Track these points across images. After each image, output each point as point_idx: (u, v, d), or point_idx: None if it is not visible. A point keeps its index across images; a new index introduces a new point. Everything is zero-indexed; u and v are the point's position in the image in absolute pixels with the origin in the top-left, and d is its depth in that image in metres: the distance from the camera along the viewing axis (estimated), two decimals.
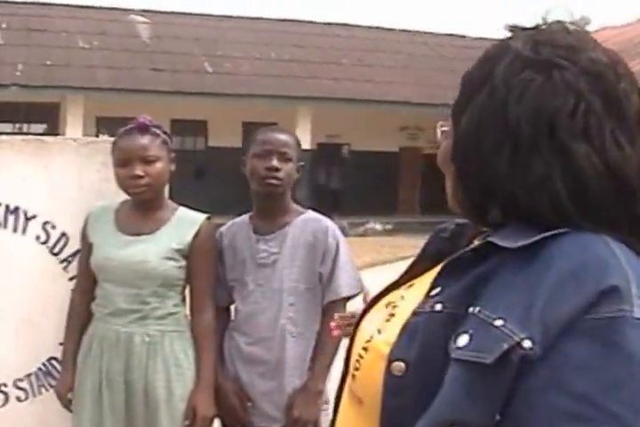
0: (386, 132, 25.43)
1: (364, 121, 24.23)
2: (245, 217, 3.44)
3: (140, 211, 3.28)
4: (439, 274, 1.32)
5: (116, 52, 22.37)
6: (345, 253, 3.30)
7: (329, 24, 26.98)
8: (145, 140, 3.20)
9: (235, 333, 3.35)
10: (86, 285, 3.34)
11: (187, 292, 3.33)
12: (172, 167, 3.29)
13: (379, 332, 1.37)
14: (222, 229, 3.45)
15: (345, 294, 3.27)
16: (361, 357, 1.38)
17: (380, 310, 1.46)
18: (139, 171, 3.14)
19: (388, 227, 22.74)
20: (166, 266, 3.18)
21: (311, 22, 26.79)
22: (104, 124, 15.27)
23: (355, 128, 24.39)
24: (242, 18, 26.11)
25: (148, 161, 3.16)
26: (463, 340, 1.16)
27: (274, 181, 3.23)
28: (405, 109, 24.09)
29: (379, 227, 22.37)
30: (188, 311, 3.32)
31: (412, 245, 18.55)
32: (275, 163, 3.22)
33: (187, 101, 21.15)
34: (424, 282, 1.40)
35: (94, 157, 3.51)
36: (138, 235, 3.24)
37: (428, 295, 1.31)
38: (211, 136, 23.74)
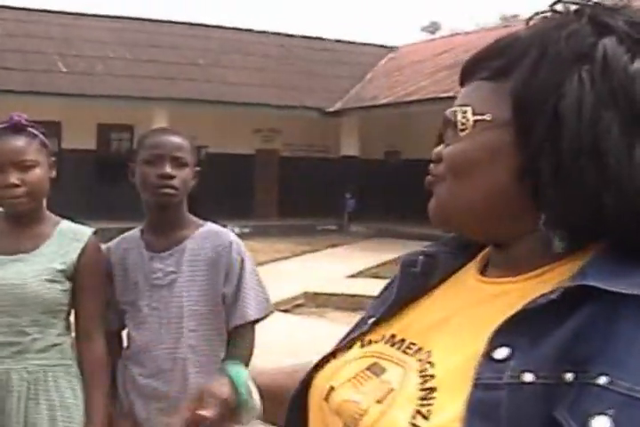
0: (241, 134, 25.22)
1: (220, 123, 23.93)
2: (136, 231, 3.04)
3: (16, 225, 2.84)
4: (501, 330, 0.99)
5: None
6: (251, 271, 2.95)
7: (186, 24, 26.59)
8: (20, 142, 2.77)
9: (129, 363, 2.95)
10: None
11: (71, 318, 2.93)
12: (53, 174, 2.86)
13: (423, 416, 0.99)
14: (110, 244, 3.06)
15: (252, 317, 2.92)
16: None
17: (370, 380, 1.11)
18: (14, 179, 2.71)
19: (245, 230, 22.46)
20: (48, 290, 2.76)
21: (168, 22, 26.35)
22: None
23: (211, 130, 24.02)
24: (97, 16, 25.42)
25: (24, 166, 2.74)
26: (601, 424, 0.85)
27: (168, 190, 2.84)
28: (260, 111, 23.94)
29: (236, 230, 22.01)
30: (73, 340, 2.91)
31: (271, 249, 18.58)
32: (168, 169, 2.83)
33: (39, 101, 20.33)
34: (446, 339, 1.08)
35: None
36: (13, 254, 2.79)
37: (489, 358, 0.97)
38: (64, 138, 23.04)
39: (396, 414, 1.02)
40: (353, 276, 14.67)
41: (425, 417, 0.98)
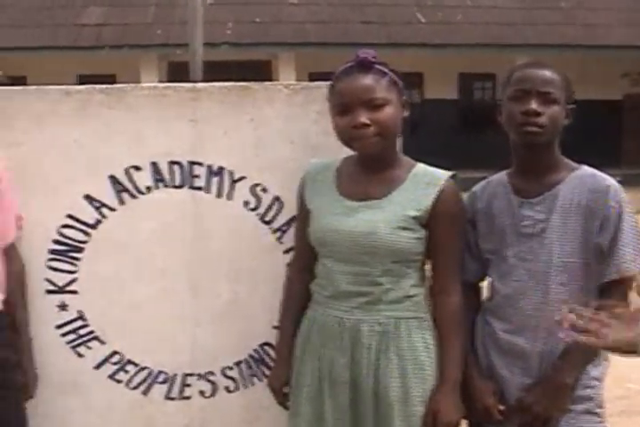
0: (607, 79, 24.17)
1: (584, 68, 23.02)
2: (503, 175, 2.82)
3: (368, 169, 2.68)
4: None
5: (324, 7, 22.11)
6: (630, 220, 2.62)
7: None
8: (369, 79, 2.59)
9: (490, 317, 2.75)
10: (305, 260, 2.81)
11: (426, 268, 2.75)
12: (405, 113, 2.66)
13: None
14: (476, 189, 2.85)
15: (629, 271, 2.59)
16: None
17: None
18: (363, 118, 2.54)
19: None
20: (401, 238, 2.58)
21: None
22: (316, 81, 14.84)
23: (574, 76, 23.13)
24: None
25: (374, 106, 2.56)
26: None
27: (532, 129, 2.60)
28: (628, 54, 22.78)
29: None
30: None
31: None
32: (534, 105, 2.59)
33: (400, 54, 20.58)
34: None
35: (309, 105, 3.00)
36: (365, 200, 2.64)
37: None
38: (426, 89, 23.20)
39: None
40: None
41: None
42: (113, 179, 2.99)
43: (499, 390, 2.70)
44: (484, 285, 2.85)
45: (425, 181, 2.63)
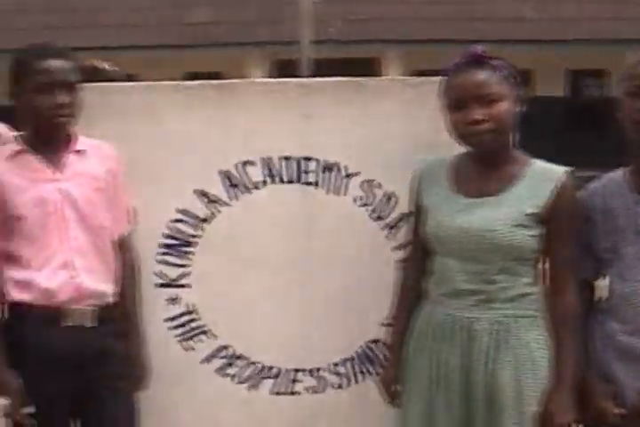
0: None
1: None
2: (620, 172, 2.73)
3: (483, 166, 2.63)
4: None
5: (430, 3, 21.94)
6: None
7: None
8: (482, 75, 2.56)
9: (608, 318, 2.66)
10: (418, 257, 2.78)
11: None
12: (519, 109, 2.61)
13: None
14: (592, 186, 2.76)
15: None
16: None
17: None
18: (477, 114, 2.51)
19: None
20: (518, 235, 2.53)
21: None
22: None
23: None
24: None
25: (488, 101, 2.52)
26: None
27: None
28: None
29: None
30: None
31: None
32: None
33: (509, 50, 20.36)
34: None
35: (423, 100, 2.95)
36: (481, 196, 2.60)
37: None
38: (535, 85, 22.90)
39: None
40: None
41: None
42: (225, 174, 3.01)
43: (616, 393, 2.62)
44: (604, 284, 2.78)
45: (542, 177, 2.58)
